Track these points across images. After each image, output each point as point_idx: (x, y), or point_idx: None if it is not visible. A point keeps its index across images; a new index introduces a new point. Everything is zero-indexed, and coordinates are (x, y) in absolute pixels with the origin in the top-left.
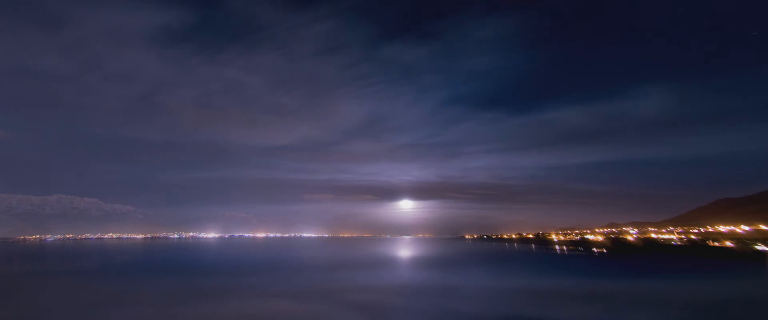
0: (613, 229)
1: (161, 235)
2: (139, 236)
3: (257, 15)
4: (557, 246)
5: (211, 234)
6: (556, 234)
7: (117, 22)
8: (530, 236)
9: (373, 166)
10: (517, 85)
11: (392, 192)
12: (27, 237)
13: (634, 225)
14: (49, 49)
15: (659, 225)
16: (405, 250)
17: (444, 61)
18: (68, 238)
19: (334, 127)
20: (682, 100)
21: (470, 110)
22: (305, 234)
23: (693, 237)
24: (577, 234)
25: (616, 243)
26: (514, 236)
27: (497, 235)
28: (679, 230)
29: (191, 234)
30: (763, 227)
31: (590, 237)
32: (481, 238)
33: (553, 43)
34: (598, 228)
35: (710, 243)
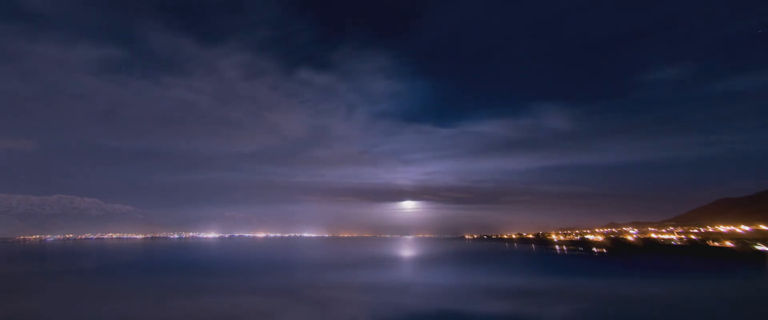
0: (613, 229)
1: (161, 235)
2: (139, 236)
3: (179, 50)
4: (557, 246)
5: (211, 234)
6: (556, 234)
7: (62, 54)
8: (530, 236)
9: (342, 170)
10: (421, 103)
11: (368, 194)
12: (27, 237)
13: (634, 225)
14: (10, 76)
15: (659, 225)
16: (397, 250)
17: (351, 84)
18: (68, 238)
19: (287, 136)
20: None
21: (398, 123)
22: (305, 234)
23: (693, 237)
24: (577, 234)
25: (616, 243)
26: (514, 236)
27: (497, 235)
28: (679, 230)
29: (191, 234)
30: (763, 227)
31: (590, 237)
32: (481, 238)
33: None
34: (598, 228)
35: (710, 243)
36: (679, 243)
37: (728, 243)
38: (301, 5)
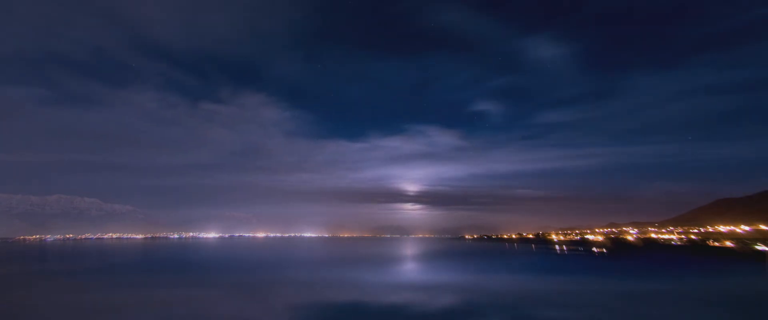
0: (613, 229)
1: (161, 235)
2: (139, 236)
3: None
4: (557, 246)
5: (211, 234)
6: (556, 234)
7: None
8: (530, 236)
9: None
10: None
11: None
12: (27, 237)
13: (634, 225)
14: None
15: (659, 225)
16: (390, 250)
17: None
18: (68, 238)
19: (229, 149)
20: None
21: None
22: (305, 235)
23: (693, 237)
24: (577, 234)
25: (616, 243)
26: (514, 236)
27: (497, 235)
28: (679, 230)
29: (191, 234)
30: (763, 227)
31: (590, 237)
32: (481, 238)
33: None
34: (599, 228)
35: (710, 243)
36: (679, 243)
37: (728, 243)
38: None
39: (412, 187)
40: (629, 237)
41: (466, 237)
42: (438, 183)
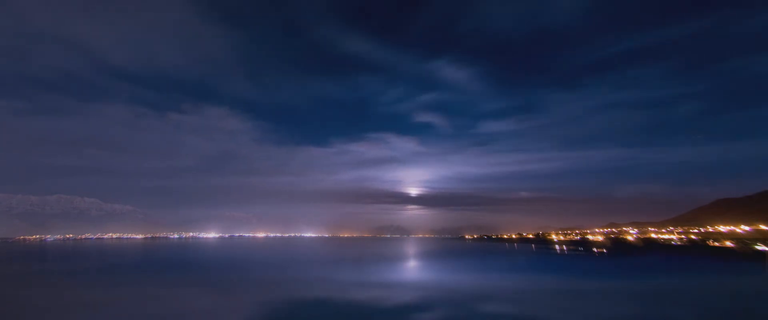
0: (613, 229)
1: (161, 235)
2: (139, 236)
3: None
4: (557, 246)
5: (211, 234)
6: (556, 234)
7: None
8: (530, 236)
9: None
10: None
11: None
12: (27, 237)
13: (634, 225)
14: None
15: (659, 225)
16: (384, 250)
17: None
18: (68, 238)
19: (205, 154)
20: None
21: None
22: (305, 234)
23: (693, 237)
24: (577, 234)
25: (616, 243)
26: (514, 236)
27: (497, 235)
28: (679, 230)
29: (191, 234)
30: (763, 227)
31: (590, 237)
32: (481, 238)
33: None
34: (598, 228)
35: (710, 243)
36: (679, 243)
37: (728, 243)
38: None
39: (393, 188)
40: (629, 237)
41: (466, 237)
42: (418, 184)
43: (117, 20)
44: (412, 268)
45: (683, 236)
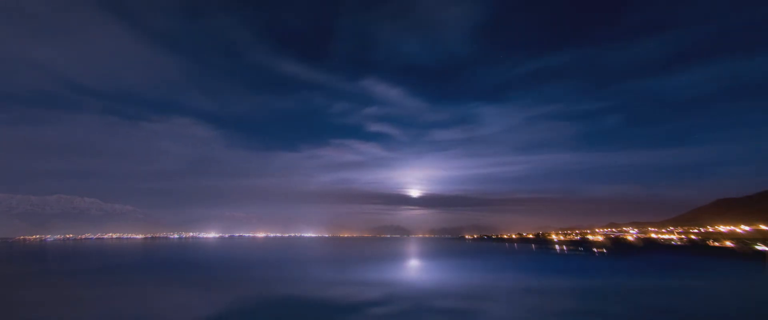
0: (613, 229)
1: (161, 235)
2: (139, 236)
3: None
4: (557, 246)
5: (211, 234)
6: (556, 234)
7: None
8: (530, 236)
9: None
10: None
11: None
12: (27, 237)
13: (634, 225)
14: None
15: (659, 225)
16: (377, 249)
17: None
18: (68, 238)
19: (184, 158)
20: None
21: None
22: (305, 234)
23: (693, 237)
24: (577, 234)
25: (616, 243)
26: (514, 236)
27: (497, 235)
28: (679, 230)
29: (191, 234)
30: (763, 227)
31: (590, 237)
32: (481, 238)
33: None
34: (599, 228)
35: (710, 243)
36: (679, 243)
37: (728, 243)
38: None
39: (373, 188)
40: (629, 237)
41: (466, 237)
42: (397, 185)
43: (80, 47)
44: (395, 268)
45: (683, 236)
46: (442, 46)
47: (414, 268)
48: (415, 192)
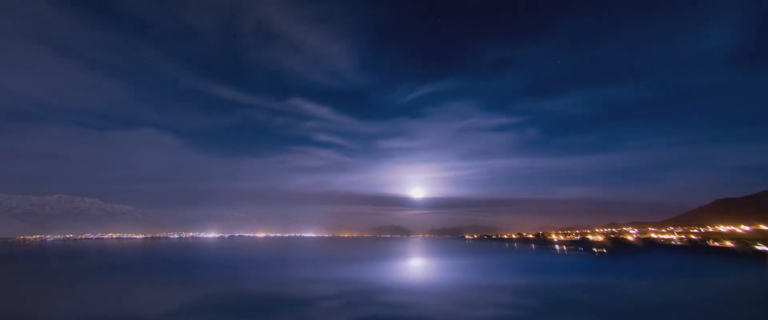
0: (613, 229)
1: (161, 235)
2: (139, 236)
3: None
4: (557, 246)
5: (211, 234)
6: (557, 234)
7: None
8: (530, 236)
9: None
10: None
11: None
12: (27, 237)
13: (634, 225)
14: None
15: (659, 225)
16: (370, 250)
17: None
18: (68, 238)
19: (161, 163)
20: None
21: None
22: (305, 235)
23: (693, 237)
24: (577, 234)
25: (616, 243)
26: (514, 236)
27: (497, 235)
28: (679, 230)
29: (191, 234)
30: (763, 227)
31: (590, 237)
32: (481, 238)
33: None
34: (599, 228)
35: (710, 243)
36: (679, 243)
37: (728, 243)
38: None
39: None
40: (629, 237)
41: (467, 237)
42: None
43: (37, 70)
44: (372, 266)
45: (683, 236)
46: (341, 75)
47: (389, 267)
48: (373, 192)
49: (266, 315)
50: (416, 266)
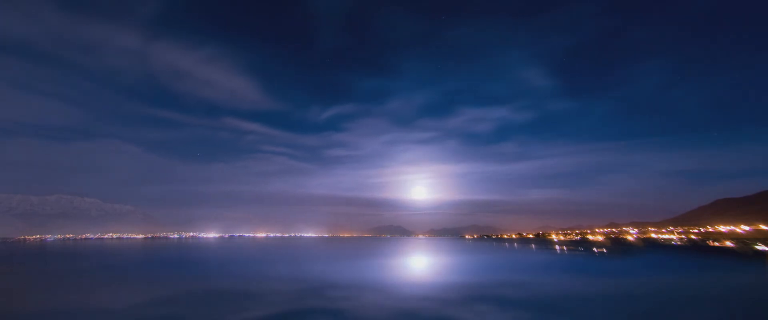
0: (613, 229)
1: (161, 235)
2: (139, 236)
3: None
4: (557, 246)
5: (211, 234)
6: (557, 234)
7: None
8: (530, 236)
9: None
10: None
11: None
12: (27, 237)
13: (634, 225)
14: None
15: (659, 225)
16: (367, 249)
17: None
18: (68, 238)
19: (141, 167)
20: None
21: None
22: (305, 234)
23: (693, 237)
24: (577, 234)
25: (616, 243)
26: (514, 236)
27: (497, 235)
28: (679, 230)
29: (191, 234)
30: (763, 227)
31: (590, 237)
32: (481, 238)
33: None
34: (599, 228)
35: (710, 243)
36: (679, 243)
37: (728, 243)
38: None
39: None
40: (629, 237)
41: (467, 237)
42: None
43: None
44: (347, 266)
45: (683, 236)
46: (256, 100)
47: (361, 265)
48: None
49: (211, 307)
50: (385, 264)
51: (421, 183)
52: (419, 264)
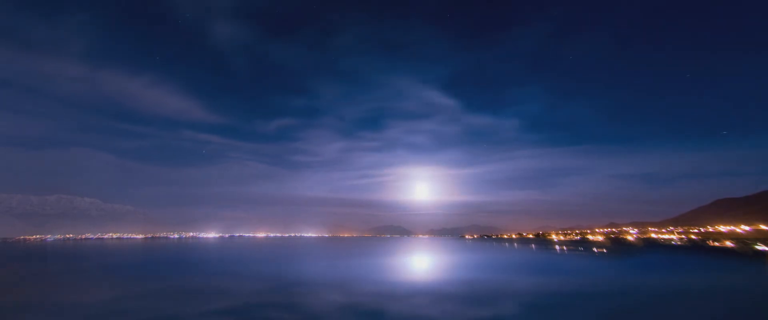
0: (613, 229)
1: (161, 235)
2: (139, 236)
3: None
4: (557, 246)
5: (211, 234)
6: (557, 234)
7: None
8: (530, 236)
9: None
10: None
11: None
12: (27, 237)
13: (634, 225)
14: None
15: (659, 225)
16: (364, 249)
17: None
18: (68, 238)
19: (123, 170)
20: None
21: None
22: (305, 234)
23: (693, 237)
24: (577, 234)
25: (616, 243)
26: (514, 236)
27: (498, 235)
28: (679, 230)
29: (191, 234)
30: (763, 227)
31: (590, 237)
32: (481, 238)
33: None
34: (599, 228)
35: (710, 243)
36: (679, 243)
37: (728, 243)
38: None
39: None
40: (629, 237)
41: (467, 237)
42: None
43: None
44: (333, 265)
45: (683, 236)
46: (199, 116)
47: (344, 265)
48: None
49: (176, 301)
50: (362, 263)
51: (422, 183)
52: (404, 262)
